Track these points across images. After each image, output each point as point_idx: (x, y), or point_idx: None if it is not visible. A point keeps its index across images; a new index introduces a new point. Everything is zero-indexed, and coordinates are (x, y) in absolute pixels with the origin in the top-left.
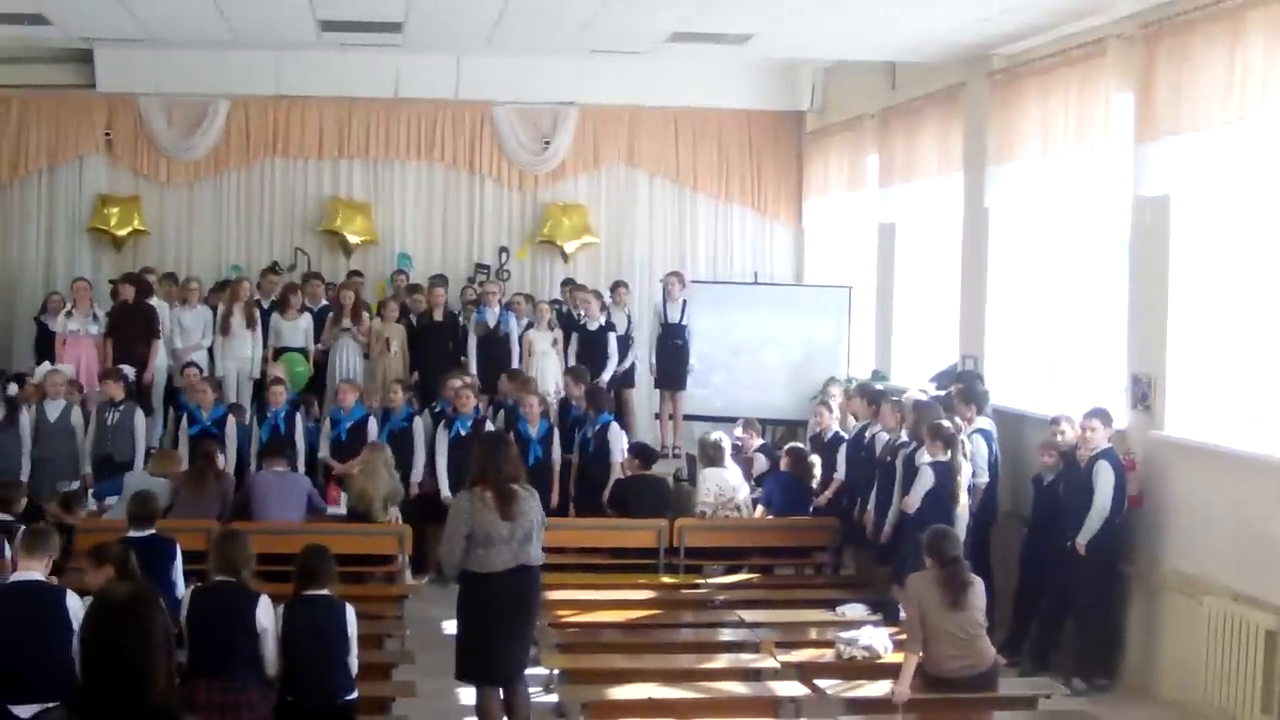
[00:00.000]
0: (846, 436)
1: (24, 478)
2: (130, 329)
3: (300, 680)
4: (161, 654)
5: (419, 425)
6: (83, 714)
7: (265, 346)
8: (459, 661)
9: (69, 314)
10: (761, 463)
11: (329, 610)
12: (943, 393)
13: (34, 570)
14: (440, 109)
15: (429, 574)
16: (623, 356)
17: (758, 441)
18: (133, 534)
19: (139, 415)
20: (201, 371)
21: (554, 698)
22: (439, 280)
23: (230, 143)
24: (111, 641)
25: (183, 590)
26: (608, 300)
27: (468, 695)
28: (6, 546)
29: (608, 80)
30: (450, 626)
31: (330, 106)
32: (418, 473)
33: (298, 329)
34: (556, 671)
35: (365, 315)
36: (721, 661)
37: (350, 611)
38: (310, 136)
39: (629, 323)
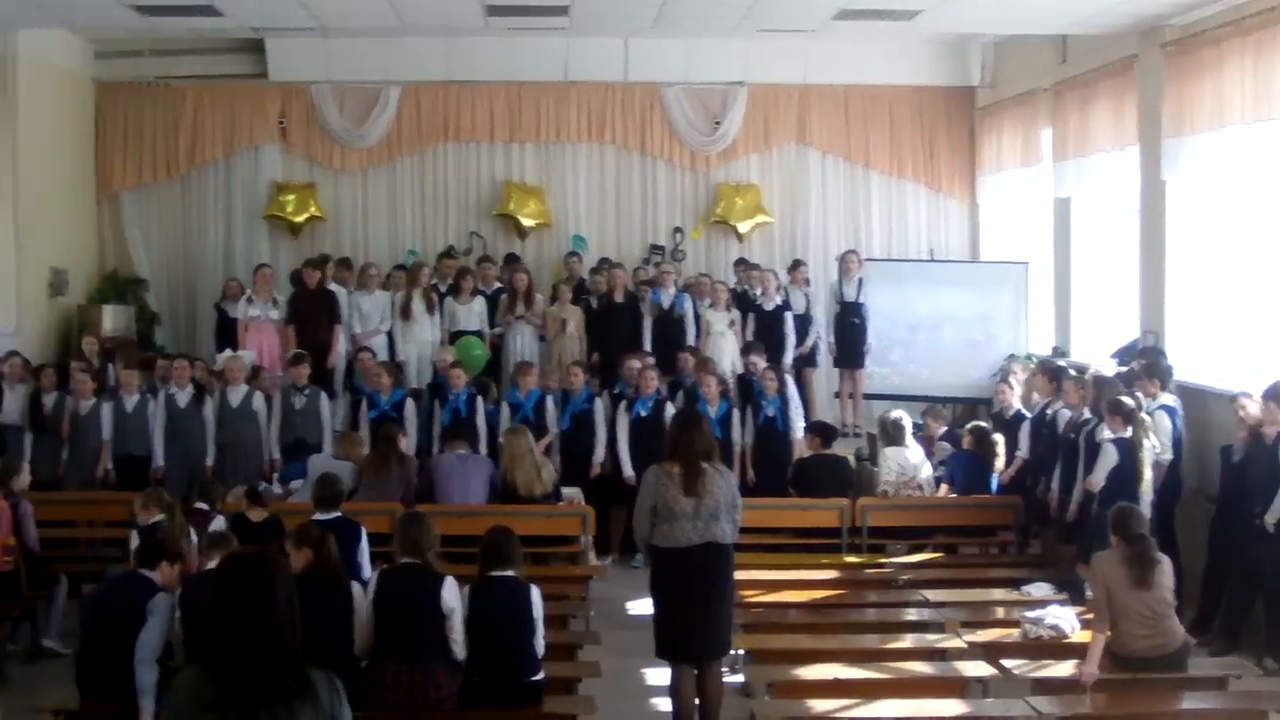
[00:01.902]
0: (1029, 414)
1: (209, 462)
2: (312, 314)
3: (486, 661)
4: (284, 610)
5: (599, 407)
6: (213, 668)
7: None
8: (656, 639)
9: (249, 300)
10: (945, 450)
11: (514, 591)
12: (1125, 369)
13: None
14: (610, 91)
15: (612, 555)
16: (801, 336)
17: (942, 428)
18: (319, 516)
19: (324, 399)
20: (375, 356)
21: (739, 677)
22: (607, 262)
23: (402, 129)
24: (236, 599)
25: (369, 573)
26: (784, 280)
27: (653, 675)
28: (194, 535)
29: (776, 59)
30: (634, 607)
31: (500, 91)
32: (599, 454)
33: (472, 312)
34: (742, 651)
35: (538, 298)
36: (906, 641)
37: (536, 592)
38: (481, 121)
39: (807, 302)
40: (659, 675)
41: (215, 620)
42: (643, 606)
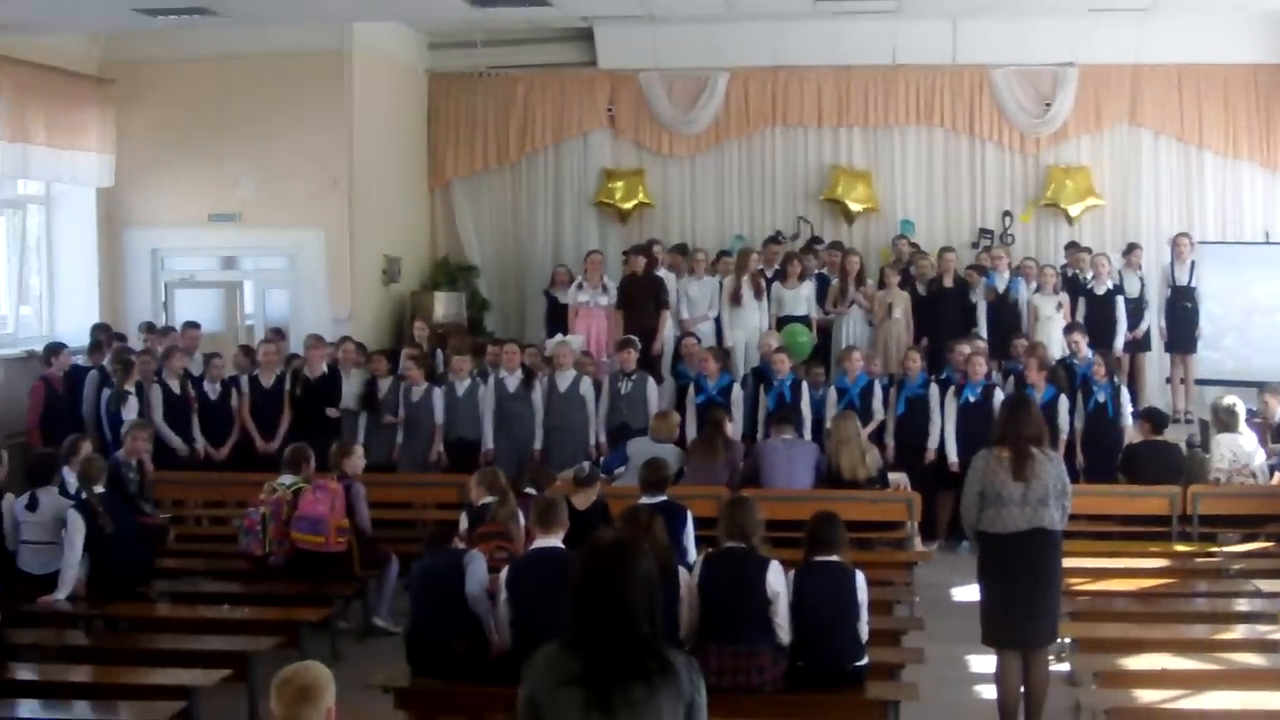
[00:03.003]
0: None
1: (537, 446)
2: (640, 300)
3: (811, 646)
4: (643, 593)
5: (934, 392)
6: (574, 646)
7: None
8: (982, 625)
9: (579, 286)
10: None
11: (839, 576)
12: None
13: (553, 540)
14: (938, 74)
15: (938, 540)
16: (1135, 321)
17: None
18: (645, 500)
19: (651, 384)
20: (700, 341)
21: (1065, 666)
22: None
23: (730, 114)
24: (598, 580)
25: (694, 556)
26: (1118, 263)
27: (977, 663)
28: (522, 518)
29: (1106, 39)
30: (959, 593)
31: (828, 75)
32: (934, 440)
33: (800, 297)
34: (1068, 640)
35: (867, 282)
36: (1237, 632)
37: (860, 578)
38: (809, 106)
39: (1142, 286)
40: (984, 662)
41: (578, 599)
42: (968, 593)
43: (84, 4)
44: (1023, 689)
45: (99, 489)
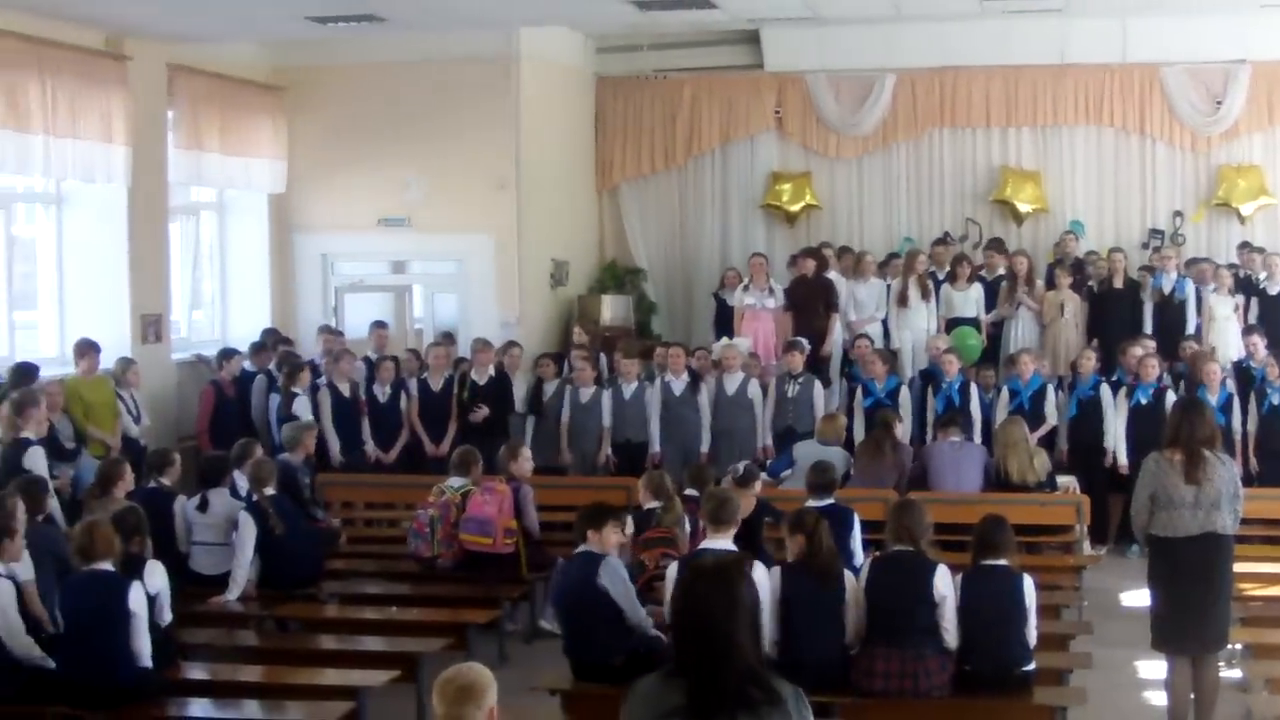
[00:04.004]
0: None
1: (704, 449)
2: (809, 303)
3: (978, 649)
4: (745, 619)
5: (1106, 392)
6: (676, 675)
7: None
8: (1152, 630)
9: (746, 288)
10: None
11: (1007, 580)
12: None
13: (723, 539)
14: (1107, 73)
15: (1108, 544)
16: None
17: None
18: (812, 503)
19: (818, 387)
20: (873, 344)
21: (1237, 672)
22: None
23: (897, 116)
24: (699, 606)
25: (861, 559)
26: None
27: (1146, 668)
28: (687, 521)
29: (1277, 34)
30: (1128, 598)
31: (996, 75)
32: (1110, 442)
33: (969, 299)
34: (1240, 646)
35: (1038, 283)
36: None
37: (1029, 582)
38: (977, 106)
39: None
40: (1153, 668)
41: (679, 628)
42: (1137, 597)
43: (257, 13)
44: (1192, 695)
45: (269, 491)
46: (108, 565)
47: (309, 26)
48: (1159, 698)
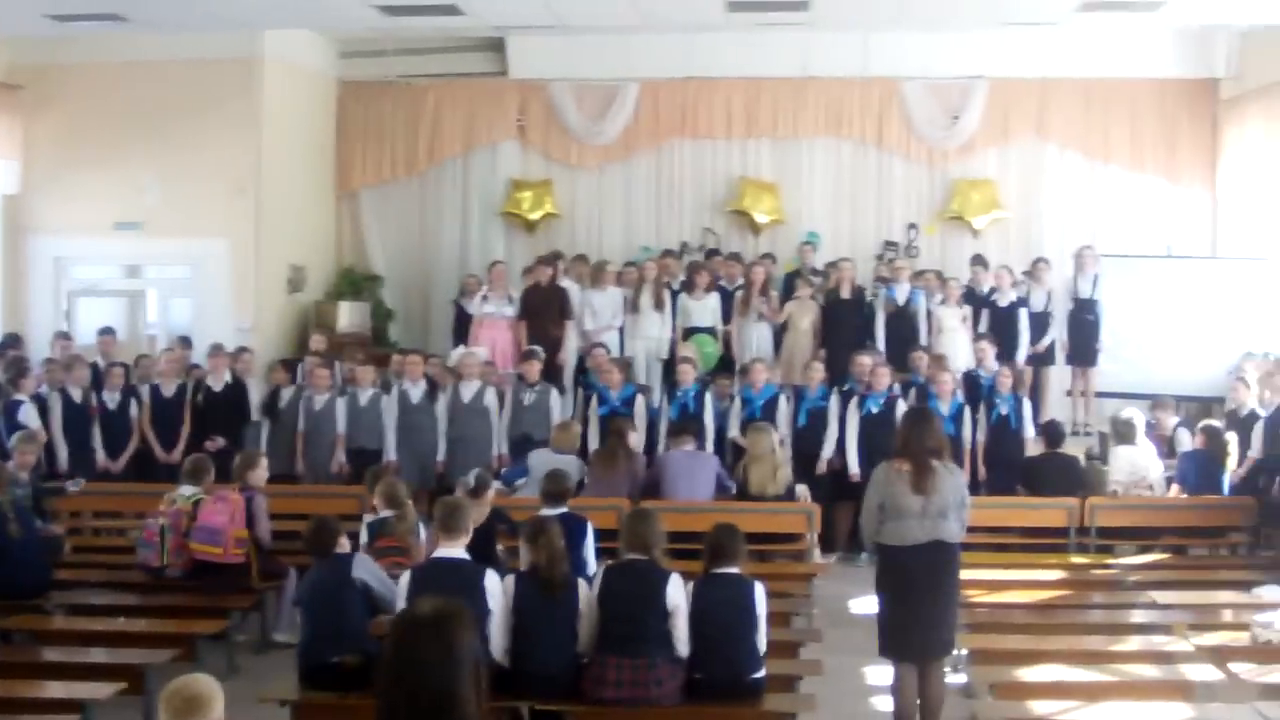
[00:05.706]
0: (1263, 414)
1: (440, 457)
2: (543, 311)
3: (709, 658)
4: (469, 673)
5: (833, 403)
6: None
7: (674, 327)
8: (879, 637)
9: (485, 297)
10: (1185, 439)
11: (738, 587)
12: None
13: (455, 548)
14: (847, 86)
15: (837, 552)
16: (1039, 334)
17: (1174, 419)
18: (546, 511)
19: (554, 395)
20: (609, 352)
21: (962, 678)
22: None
23: (640, 125)
24: (415, 660)
25: (594, 568)
26: (1019, 276)
27: (874, 674)
28: (422, 531)
29: (1017, 52)
30: (857, 605)
31: (738, 87)
32: (828, 451)
33: (706, 308)
34: (964, 651)
35: (772, 294)
36: (1133, 644)
37: (759, 589)
38: (718, 117)
39: (1047, 299)
40: (881, 674)
41: (388, 686)
42: (866, 604)
43: None
44: (919, 701)
45: (7, 495)
46: None
47: (49, 24)
48: (887, 703)
